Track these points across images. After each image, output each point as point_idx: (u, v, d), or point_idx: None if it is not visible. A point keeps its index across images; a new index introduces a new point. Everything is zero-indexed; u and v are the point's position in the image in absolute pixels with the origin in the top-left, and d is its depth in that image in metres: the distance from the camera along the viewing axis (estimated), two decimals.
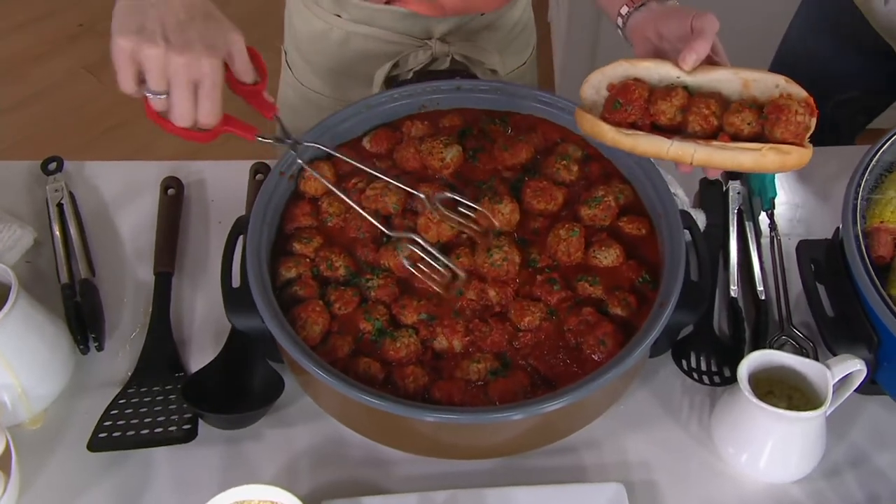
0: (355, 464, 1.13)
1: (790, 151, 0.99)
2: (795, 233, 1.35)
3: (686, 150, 1.01)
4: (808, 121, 1.00)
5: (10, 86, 3.29)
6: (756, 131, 1.01)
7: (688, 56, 1.03)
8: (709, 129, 1.03)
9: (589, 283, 1.13)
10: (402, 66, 1.48)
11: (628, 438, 1.16)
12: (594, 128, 1.06)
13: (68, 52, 3.34)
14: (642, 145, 1.03)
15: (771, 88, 1.03)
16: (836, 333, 1.11)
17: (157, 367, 1.20)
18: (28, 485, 1.08)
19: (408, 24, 1.45)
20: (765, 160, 0.99)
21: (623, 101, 1.05)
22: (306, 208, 1.21)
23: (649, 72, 1.06)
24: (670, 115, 1.04)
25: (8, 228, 1.29)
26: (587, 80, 1.09)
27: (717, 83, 1.05)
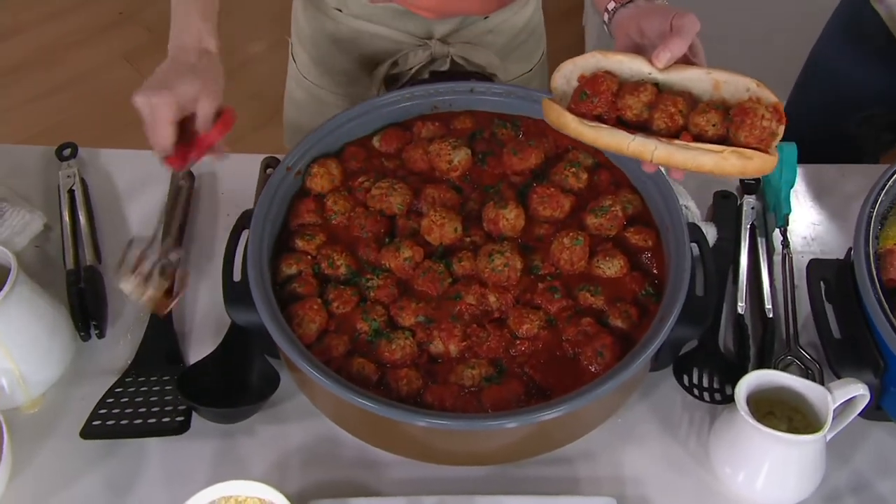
0: (347, 464, 1.12)
1: (752, 157, 0.96)
2: (809, 251, 1.31)
3: (647, 147, 0.99)
4: (774, 127, 0.97)
5: (48, 71, 3.32)
6: (721, 133, 0.98)
7: (662, 53, 1.01)
8: (673, 128, 1.00)
9: (590, 294, 1.11)
10: (401, 65, 1.47)
11: (624, 452, 1.13)
12: (559, 118, 1.03)
13: (107, 40, 3.36)
14: (604, 138, 1.01)
15: (742, 91, 0.99)
16: (842, 356, 1.08)
17: (156, 357, 1.20)
18: (20, 469, 1.09)
19: (407, 22, 1.44)
20: (725, 163, 0.96)
21: (590, 93, 1.02)
22: (311, 205, 1.20)
23: (621, 65, 1.03)
24: (637, 110, 1.01)
25: (17, 212, 1.29)
26: (559, 69, 1.06)
27: (688, 82, 1.02)
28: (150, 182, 1.39)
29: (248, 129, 2.56)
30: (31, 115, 3.15)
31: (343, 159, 1.25)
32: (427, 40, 1.46)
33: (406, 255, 1.13)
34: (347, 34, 1.48)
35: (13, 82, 3.29)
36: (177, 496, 1.02)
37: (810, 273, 1.16)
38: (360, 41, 1.48)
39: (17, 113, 3.17)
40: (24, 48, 3.41)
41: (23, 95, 3.23)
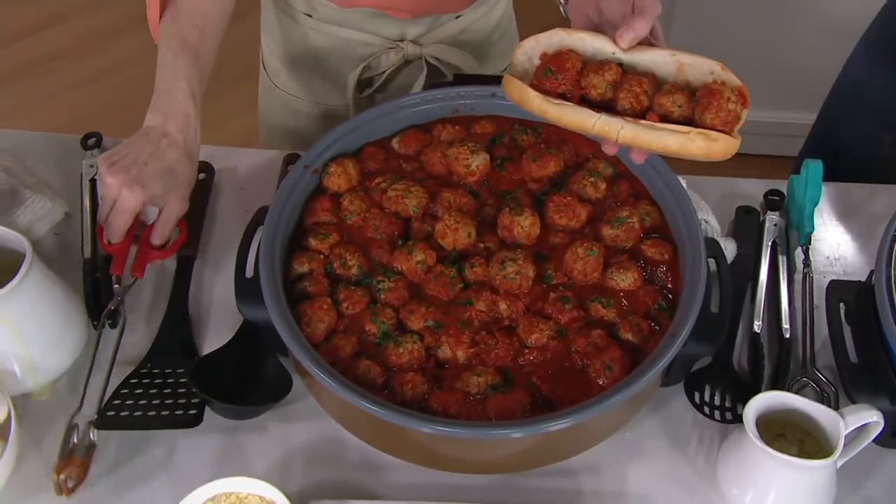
0: (350, 466, 1.11)
1: (717, 139, 0.95)
2: (832, 271, 1.29)
3: (613, 126, 0.97)
4: (738, 110, 0.96)
5: (88, 59, 3.36)
6: (686, 115, 0.97)
7: (626, 33, 0.99)
8: (638, 109, 0.99)
9: (602, 305, 1.10)
10: (373, 69, 1.46)
11: (630, 467, 1.11)
12: (521, 94, 1.02)
13: (146, 29, 3.38)
14: (568, 116, 0.99)
15: (706, 74, 0.98)
16: (858, 381, 1.06)
17: (171, 350, 1.20)
18: (26, 455, 1.09)
19: (379, 25, 1.43)
20: (691, 144, 0.95)
21: (555, 69, 1.01)
22: (327, 204, 1.19)
23: (584, 43, 1.02)
24: (601, 89, 1.00)
25: (38, 200, 1.30)
26: (520, 45, 1.05)
27: (651, 64, 1.01)
28: None
29: None
30: (72, 102, 3.19)
31: (361, 159, 1.24)
32: (399, 42, 1.45)
33: (418, 259, 1.12)
34: (318, 39, 1.47)
35: (57, 68, 3.34)
36: (179, 489, 1.02)
37: (830, 294, 1.13)
38: (332, 46, 1.47)
39: (59, 99, 3.22)
40: (68, 35, 3.46)
41: (66, 81, 3.28)
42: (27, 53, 3.36)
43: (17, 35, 3.43)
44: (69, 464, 1.06)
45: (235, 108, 3.05)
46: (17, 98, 3.20)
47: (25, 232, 1.28)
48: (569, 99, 1.01)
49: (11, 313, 1.07)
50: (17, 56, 3.36)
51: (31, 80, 3.28)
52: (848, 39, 1.64)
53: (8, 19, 3.47)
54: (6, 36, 3.41)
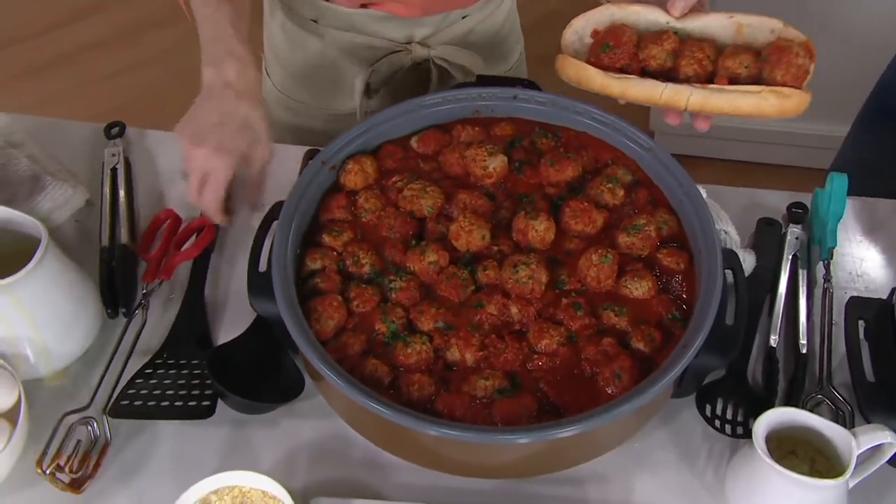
0: (355, 464, 1.11)
1: (791, 95, 0.94)
2: (853, 287, 1.26)
3: (681, 94, 0.97)
4: (807, 64, 0.95)
5: (124, 50, 3.39)
6: (753, 75, 0.97)
7: (677, 1, 0.98)
8: (702, 74, 0.99)
9: (615, 313, 1.08)
10: (381, 72, 1.46)
11: (637, 478, 1.10)
12: (580, 72, 1.01)
13: (184, 22, 3.40)
14: (633, 89, 0.99)
15: (766, 33, 0.98)
16: (874, 400, 1.04)
17: (186, 341, 1.21)
18: (35, 440, 1.09)
19: (386, 27, 1.42)
20: (765, 103, 0.95)
21: (612, 44, 1.01)
22: (342, 201, 1.19)
23: (637, 16, 1.02)
24: (661, 59, 1.00)
25: (60, 187, 1.31)
26: (570, 25, 1.05)
27: (707, 29, 1.00)
28: None
29: None
30: (107, 91, 3.22)
31: (379, 157, 1.24)
32: (407, 45, 1.45)
33: (431, 259, 1.12)
34: (325, 45, 1.47)
35: (95, 57, 3.38)
36: (184, 480, 1.03)
37: (849, 311, 1.12)
38: (339, 51, 1.46)
39: (94, 88, 3.25)
40: (106, 26, 3.49)
41: (102, 71, 3.31)
42: (64, 43, 3.40)
43: (54, 24, 3.47)
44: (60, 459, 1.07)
45: None
46: (53, 87, 3.24)
47: (45, 218, 1.29)
48: (629, 72, 1.00)
49: (25, 298, 1.08)
50: (53, 45, 3.40)
51: (67, 69, 3.32)
52: (884, 52, 1.61)
53: (47, 8, 3.50)
54: (44, 25, 3.45)
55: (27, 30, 3.44)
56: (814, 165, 1.92)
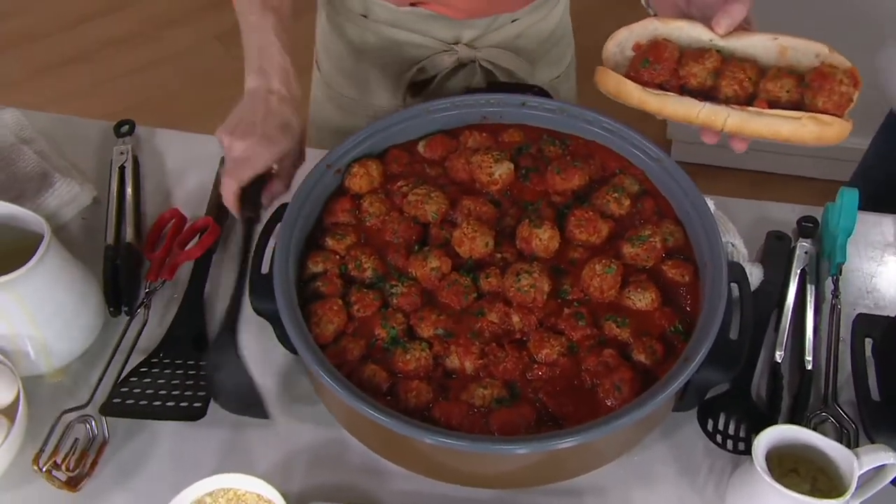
0: (352, 470, 1.11)
1: (831, 123, 0.92)
2: (863, 304, 1.25)
3: (719, 115, 0.95)
4: (851, 92, 0.93)
5: (146, 47, 3.41)
6: (794, 100, 0.94)
7: (722, 18, 0.97)
8: (742, 95, 0.96)
9: (617, 325, 1.08)
10: (427, 71, 1.45)
11: (636, 491, 1.09)
12: (619, 86, 1.00)
13: (202, 20, 3.43)
14: (671, 107, 0.97)
15: (810, 58, 0.95)
16: (878, 419, 1.03)
17: (183, 342, 1.21)
18: (33, 436, 1.10)
19: (434, 27, 1.42)
20: (804, 130, 0.93)
21: (653, 60, 0.99)
22: (347, 204, 1.19)
23: (680, 32, 1.00)
24: (701, 77, 0.97)
25: (67, 184, 1.32)
26: (613, 36, 1.03)
27: (751, 49, 0.98)
28: (198, 165, 1.40)
29: None
30: (124, 89, 3.24)
31: (385, 161, 1.23)
32: (454, 45, 1.44)
33: (433, 265, 1.11)
34: (373, 41, 1.46)
35: (114, 54, 3.40)
36: (181, 481, 1.03)
37: (856, 328, 1.10)
38: (386, 47, 1.46)
39: (112, 85, 3.27)
40: (127, 22, 3.51)
41: (121, 68, 3.33)
42: (83, 40, 3.42)
43: (75, 21, 3.49)
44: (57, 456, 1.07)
45: None
46: (71, 84, 3.26)
47: (52, 215, 1.30)
48: (668, 89, 0.99)
49: (27, 295, 1.09)
50: (73, 42, 3.42)
51: (85, 66, 3.34)
52: None
53: (69, 5, 3.53)
54: (65, 22, 3.48)
55: (48, 26, 3.46)
56: (835, 178, 1.89)
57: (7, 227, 1.13)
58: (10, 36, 3.42)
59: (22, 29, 3.45)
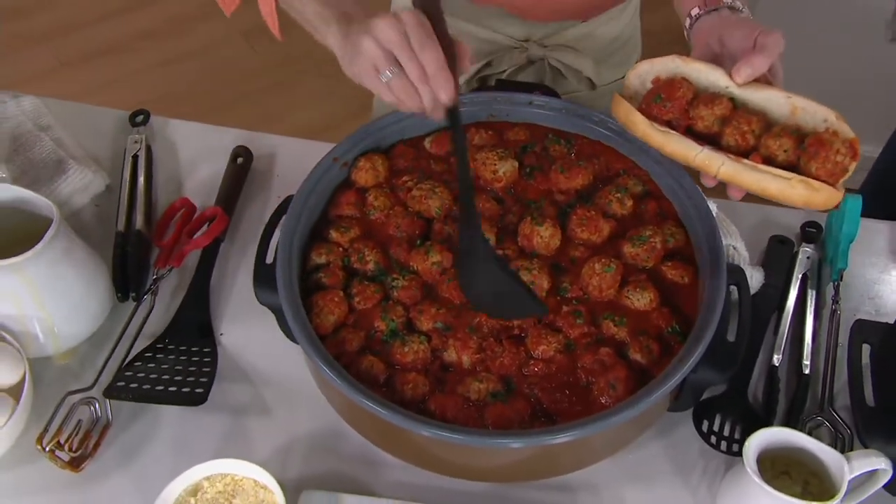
0: (348, 459, 1.11)
1: (820, 189, 0.91)
2: (863, 310, 1.23)
3: (714, 161, 0.95)
4: (847, 163, 0.92)
5: (175, 40, 3.42)
6: (791, 160, 0.94)
7: (743, 68, 0.96)
8: (743, 147, 0.96)
9: (614, 323, 1.07)
10: (495, 66, 1.45)
11: (630, 490, 1.09)
12: (628, 116, 1.00)
13: (231, 17, 3.43)
14: (672, 145, 0.97)
15: (819, 121, 0.95)
16: (872, 425, 1.01)
17: (188, 328, 1.21)
18: (41, 417, 1.10)
19: (507, 24, 1.42)
20: (792, 191, 0.92)
21: (665, 97, 0.99)
22: (352, 198, 1.19)
23: (699, 74, 0.99)
24: (709, 122, 0.97)
25: (81, 171, 1.32)
26: (635, 67, 1.03)
27: (765, 102, 0.97)
28: (209, 155, 1.40)
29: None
30: (152, 80, 3.26)
31: (392, 156, 1.23)
32: (524, 42, 1.44)
33: (434, 260, 1.11)
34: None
35: (144, 47, 3.41)
36: (180, 465, 1.03)
37: (854, 333, 1.09)
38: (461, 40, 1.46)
39: (140, 76, 3.29)
40: (156, 17, 3.53)
41: (149, 61, 3.35)
42: (116, 32, 3.44)
43: (109, 14, 3.51)
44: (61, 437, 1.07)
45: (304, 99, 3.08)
46: (103, 74, 3.28)
47: (66, 201, 1.31)
48: (675, 127, 0.99)
49: (35, 278, 1.09)
50: (106, 34, 3.44)
51: (117, 57, 3.36)
52: None
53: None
54: (99, 14, 3.50)
55: (83, 18, 3.49)
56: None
57: (19, 210, 1.13)
58: (43, 28, 3.44)
59: (55, 22, 3.47)
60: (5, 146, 1.36)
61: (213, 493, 1.03)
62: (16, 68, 3.27)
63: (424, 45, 0.94)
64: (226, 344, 1.21)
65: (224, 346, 1.21)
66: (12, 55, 3.33)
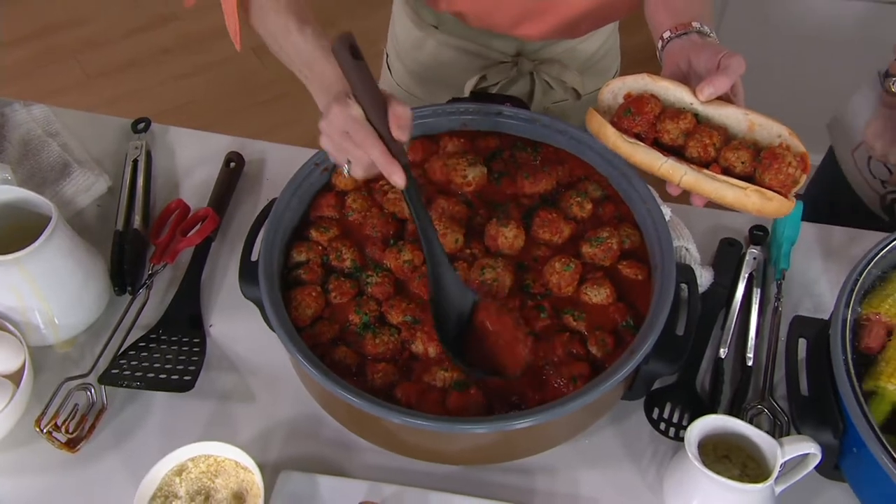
0: (325, 443, 1.10)
1: (772, 199, 0.92)
2: (804, 307, 1.22)
3: (677, 171, 0.95)
4: (798, 175, 0.93)
5: (191, 55, 3.41)
6: (748, 172, 0.94)
7: (706, 87, 0.96)
8: (705, 158, 0.96)
9: (574, 318, 1.05)
10: (488, 79, 1.44)
11: (584, 472, 1.07)
12: (600, 128, 1.00)
13: (242, 33, 3.41)
14: (639, 155, 0.97)
15: (773, 136, 0.95)
16: (805, 413, 1.00)
17: (180, 320, 1.20)
18: (39, 401, 1.09)
19: (498, 41, 1.41)
20: (746, 200, 0.92)
21: (634, 111, 0.98)
22: (332, 200, 1.17)
23: (667, 91, 0.99)
24: (674, 135, 0.97)
25: (84, 174, 1.31)
26: (608, 84, 1.03)
27: (725, 118, 0.98)
28: (205, 160, 1.39)
29: None
30: (170, 92, 3.25)
31: None
32: (515, 57, 1.43)
33: (406, 258, 1.10)
34: (441, 49, 1.46)
35: (164, 62, 3.40)
36: (168, 447, 1.03)
37: (792, 329, 1.07)
38: (453, 56, 1.46)
39: (160, 89, 3.28)
40: (174, 34, 3.52)
41: (167, 74, 3.34)
42: (138, 48, 3.44)
43: (132, 31, 3.51)
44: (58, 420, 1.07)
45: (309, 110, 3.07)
46: (124, 87, 3.27)
47: (70, 202, 1.30)
48: (643, 139, 0.99)
49: (35, 272, 1.08)
50: (129, 49, 3.43)
51: (138, 71, 3.35)
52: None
53: (128, 16, 3.55)
54: (125, 30, 3.50)
55: (108, 35, 3.48)
56: None
57: (22, 210, 1.12)
58: (72, 44, 3.44)
59: (83, 38, 3.47)
60: (16, 151, 1.35)
61: (196, 473, 1.02)
62: (47, 80, 3.28)
63: (363, 143, 0.98)
64: (215, 335, 1.20)
65: (213, 337, 1.20)
66: (44, 68, 3.34)
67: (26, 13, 3.54)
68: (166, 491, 1.01)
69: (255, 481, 1.01)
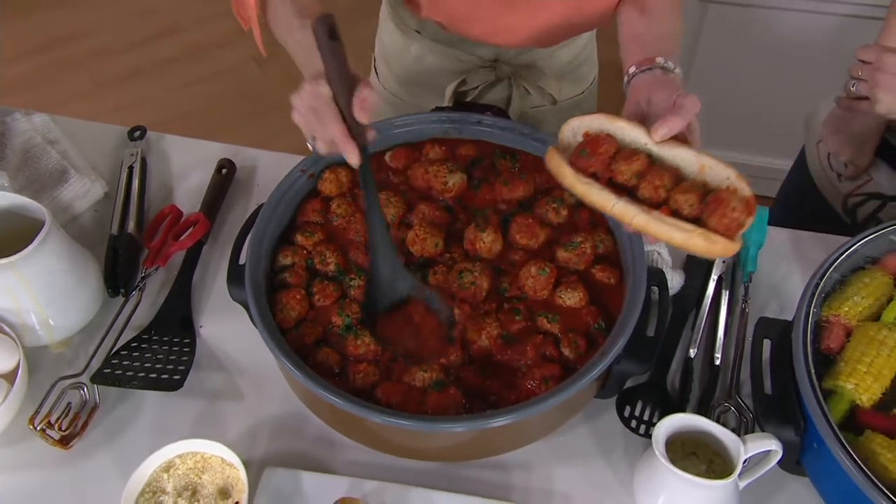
0: (310, 441, 1.08)
1: (717, 241, 0.89)
2: (770, 308, 1.20)
3: (628, 212, 0.92)
4: (742, 219, 0.90)
5: (195, 64, 3.39)
6: (696, 213, 0.92)
7: (660, 128, 0.94)
8: (655, 199, 0.94)
9: (548, 320, 1.04)
10: (469, 83, 1.43)
11: (558, 468, 1.06)
12: (559, 168, 0.98)
13: (244, 44, 3.38)
14: (592, 195, 0.95)
15: (722, 178, 0.93)
16: (769, 411, 0.98)
17: (171, 321, 1.18)
18: (34, 400, 1.08)
19: (478, 47, 1.40)
20: (692, 242, 0.90)
21: (589, 152, 0.96)
22: (317, 205, 1.16)
23: (623, 132, 0.97)
24: (627, 176, 0.95)
25: (81, 180, 1.30)
26: (568, 122, 1.01)
27: (677, 159, 0.95)
28: (198, 166, 1.38)
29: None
30: (174, 100, 3.23)
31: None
32: (494, 62, 1.42)
33: None
34: (423, 54, 1.44)
35: (168, 71, 3.38)
36: (158, 444, 1.01)
37: (757, 330, 1.06)
38: (434, 60, 1.44)
39: (164, 97, 3.26)
40: (179, 44, 3.50)
41: (172, 83, 3.32)
42: (144, 58, 3.42)
43: (140, 41, 3.49)
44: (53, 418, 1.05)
45: None
46: (131, 95, 3.25)
47: (66, 207, 1.28)
48: (599, 179, 0.97)
49: (29, 274, 1.07)
50: (135, 59, 3.42)
51: (144, 80, 3.34)
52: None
53: (135, 27, 3.53)
54: (132, 41, 3.48)
55: (115, 46, 3.46)
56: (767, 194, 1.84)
57: (18, 215, 1.11)
58: (82, 54, 3.42)
59: (92, 48, 3.45)
60: (17, 158, 1.33)
61: (184, 470, 1.01)
62: (57, 89, 3.27)
63: (325, 121, 0.98)
64: (205, 336, 1.18)
65: (203, 338, 1.18)
66: (54, 78, 3.32)
67: (35, 27, 3.52)
68: (154, 487, 1.00)
69: (240, 477, 0.99)
